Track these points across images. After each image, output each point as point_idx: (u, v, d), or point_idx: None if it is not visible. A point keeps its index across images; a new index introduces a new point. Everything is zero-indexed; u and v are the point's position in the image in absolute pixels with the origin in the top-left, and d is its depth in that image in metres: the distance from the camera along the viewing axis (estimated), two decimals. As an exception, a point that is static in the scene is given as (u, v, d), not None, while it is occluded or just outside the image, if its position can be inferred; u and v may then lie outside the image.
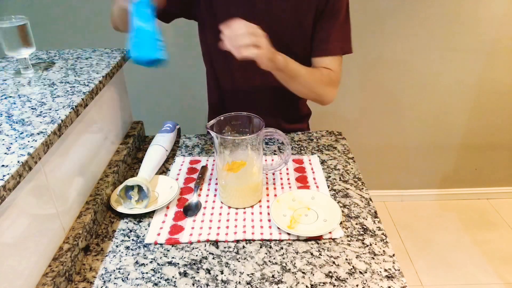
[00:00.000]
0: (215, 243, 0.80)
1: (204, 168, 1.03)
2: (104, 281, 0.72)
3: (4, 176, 0.55)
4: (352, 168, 1.04)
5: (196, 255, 0.77)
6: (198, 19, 1.14)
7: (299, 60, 1.06)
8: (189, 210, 0.88)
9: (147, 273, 0.73)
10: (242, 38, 0.83)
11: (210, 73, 1.22)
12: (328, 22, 1.05)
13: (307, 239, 0.80)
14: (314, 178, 0.99)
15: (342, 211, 0.88)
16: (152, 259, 0.76)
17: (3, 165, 0.58)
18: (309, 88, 1.05)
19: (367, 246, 0.79)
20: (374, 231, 0.82)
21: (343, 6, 1.05)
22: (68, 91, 0.83)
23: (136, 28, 0.70)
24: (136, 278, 0.72)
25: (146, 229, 0.84)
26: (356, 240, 0.80)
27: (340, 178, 1.00)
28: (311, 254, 0.77)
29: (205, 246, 0.80)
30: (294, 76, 0.99)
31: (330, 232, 0.81)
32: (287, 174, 1.01)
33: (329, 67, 1.08)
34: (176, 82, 1.94)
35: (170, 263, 0.75)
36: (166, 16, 1.11)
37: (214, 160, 1.06)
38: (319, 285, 0.70)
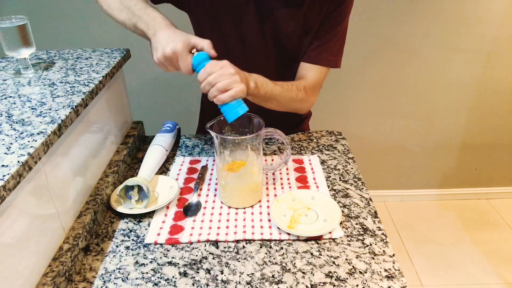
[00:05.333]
0: (215, 243, 0.80)
1: (204, 168, 1.03)
2: (104, 281, 0.72)
3: (4, 176, 0.55)
4: (352, 168, 1.04)
5: (196, 255, 0.77)
6: (193, 17, 1.10)
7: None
8: (189, 210, 0.88)
9: (147, 273, 0.73)
10: (217, 85, 0.82)
11: None
12: (326, 31, 1.04)
13: (307, 239, 0.80)
14: (314, 178, 0.99)
15: (342, 211, 0.88)
16: (152, 259, 0.77)
17: (3, 165, 0.58)
18: (284, 106, 1.04)
19: (367, 246, 0.79)
20: (374, 231, 0.82)
21: (345, 19, 1.04)
22: (68, 91, 0.83)
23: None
24: (136, 278, 0.72)
25: (146, 229, 0.84)
26: (356, 240, 0.80)
27: (340, 178, 1.00)
28: (311, 254, 0.77)
29: (205, 246, 0.80)
30: (268, 99, 0.97)
31: (330, 232, 0.81)
32: (287, 174, 1.01)
33: (312, 75, 1.06)
34: (176, 82, 1.94)
35: (170, 263, 0.75)
36: None
37: (214, 160, 1.06)
38: (319, 285, 0.70)
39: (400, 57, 1.93)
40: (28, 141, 0.64)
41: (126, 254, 0.78)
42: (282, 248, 0.78)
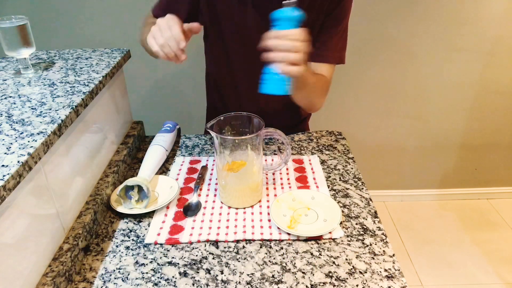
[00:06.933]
0: (215, 243, 0.80)
1: (204, 168, 1.03)
2: (104, 281, 0.72)
3: (4, 176, 0.55)
4: (352, 168, 1.04)
5: (196, 255, 0.77)
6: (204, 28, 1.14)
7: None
8: (189, 210, 0.88)
9: (147, 273, 0.73)
10: (290, 54, 0.77)
11: (214, 89, 1.22)
12: (330, 28, 1.04)
13: (307, 239, 0.80)
14: (314, 178, 0.99)
15: (342, 211, 0.88)
16: (152, 259, 0.77)
17: (3, 165, 0.58)
18: (309, 97, 1.05)
19: (367, 246, 0.79)
20: (374, 231, 0.82)
21: (346, 15, 1.04)
22: (68, 91, 0.83)
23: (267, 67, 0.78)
24: (136, 278, 0.72)
25: (146, 229, 0.84)
26: (356, 240, 0.80)
27: (340, 178, 1.00)
28: (311, 254, 0.77)
29: (205, 246, 0.80)
30: (304, 85, 0.95)
31: (330, 232, 0.81)
32: (287, 174, 1.01)
33: (324, 74, 1.07)
34: (176, 82, 1.94)
35: (170, 263, 0.75)
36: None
37: (214, 160, 1.06)
38: (319, 285, 0.70)
39: (400, 57, 1.93)
40: (28, 141, 0.64)
41: (126, 254, 0.78)
42: (282, 248, 0.78)
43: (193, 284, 0.71)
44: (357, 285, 0.70)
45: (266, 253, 0.77)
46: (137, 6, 1.75)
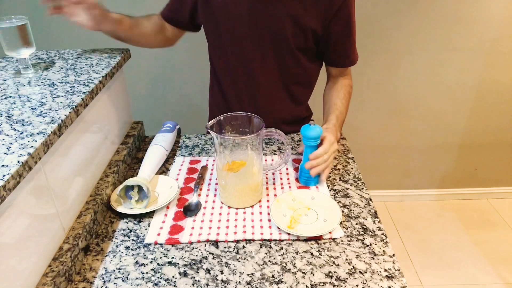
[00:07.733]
0: (215, 243, 0.80)
1: (204, 168, 1.03)
2: (104, 281, 0.72)
3: (4, 176, 0.56)
4: (352, 168, 1.04)
5: (196, 255, 0.77)
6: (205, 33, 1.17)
7: (308, 66, 1.12)
8: (189, 210, 0.88)
9: (147, 273, 0.74)
10: (325, 168, 0.94)
11: (216, 89, 1.23)
12: (344, 30, 1.06)
13: (307, 239, 0.80)
14: (314, 178, 0.99)
15: (342, 211, 0.88)
16: (152, 259, 0.77)
17: (3, 165, 0.58)
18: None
19: (367, 246, 0.79)
20: (374, 231, 0.82)
21: (351, 14, 1.05)
22: (68, 91, 0.83)
23: (302, 165, 0.96)
24: (136, 278, 0.72)
25: (146, 229, 0.84)
26: (356, 240, 0.80)
27: (340, 178, 1.00)
28: (311, 254, 0.77)
29: (205, 246, 0.80)
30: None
31: (330, 232, 0.81)
32: (287, 174, 1.01)
33: (350, 75, 1.20)
34: (176, 82, 1.94)
35: (170, 263, 0.76)
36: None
37: (214, 160, 1.06)
38: (319, 285, 0.70)
39: (399, 57, 1.93)
40: (28, 141, 0.64)
41: (126, 254, 0.78)
42: (282, 248, 0.78)
43: (193, 284, 0.71)
44: (357, 285, 0.70)
45: (266, 253, 0.77)
46: (137, 6, 1.75)
